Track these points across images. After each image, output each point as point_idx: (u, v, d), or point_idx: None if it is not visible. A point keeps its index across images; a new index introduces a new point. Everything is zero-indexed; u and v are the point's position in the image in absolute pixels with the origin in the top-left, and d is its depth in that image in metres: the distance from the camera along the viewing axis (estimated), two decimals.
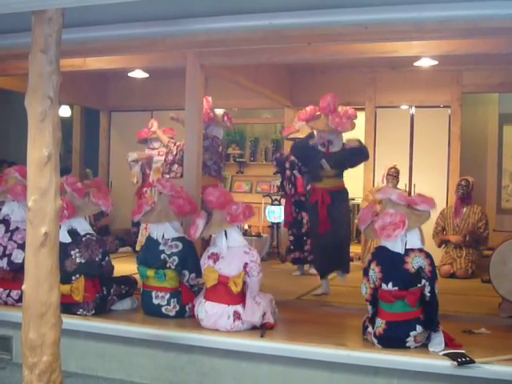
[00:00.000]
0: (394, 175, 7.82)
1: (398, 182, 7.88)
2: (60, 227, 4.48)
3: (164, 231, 4.81)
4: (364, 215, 4.28)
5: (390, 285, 3.96)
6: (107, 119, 10.27)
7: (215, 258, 4.44)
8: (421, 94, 8.38)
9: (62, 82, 3.21)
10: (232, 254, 4.42)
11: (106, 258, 4.79)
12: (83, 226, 4.82)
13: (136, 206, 5.17)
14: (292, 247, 7.36)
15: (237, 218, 4.41)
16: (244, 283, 4.34)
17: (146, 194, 8.04)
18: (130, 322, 4.56)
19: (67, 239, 4.65)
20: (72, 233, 4.73)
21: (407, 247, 3.98)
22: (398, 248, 3.99)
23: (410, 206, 4.07)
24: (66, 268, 4.53)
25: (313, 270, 6.77)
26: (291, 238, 7.39)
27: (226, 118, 6.75)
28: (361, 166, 8.07)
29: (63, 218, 4.56)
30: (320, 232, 5.80)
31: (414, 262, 3.93)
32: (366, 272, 4.14)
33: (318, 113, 6.00)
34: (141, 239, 7.89)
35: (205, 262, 4.47)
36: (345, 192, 6.00)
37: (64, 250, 4.49)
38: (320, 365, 3.96)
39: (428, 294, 3.92)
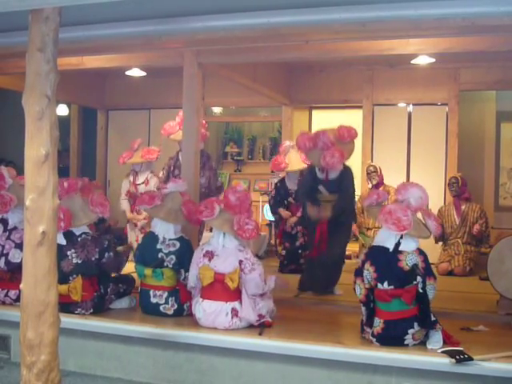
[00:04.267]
0: (372, 172, 7.82)
1: (378, 179, 7.80)
2: None
3: (167, 230, 4.80)
4: (373, 193, 4.30)
5: (386, 284, 3.96)
6: (105, 118, 10.25)
7: (210, 255, 4.44)
8: (418, 91, 8.38)
9: (60, 81, 3.20)
10: (227, 251, 4.43)
11: (106, 254, 4.74)
12: (80, 227, 4.76)
13: (146, 195, 4.90)
14: (286, 262, 7.23)
15: (242, 234, 4.37)
16: (240, 279, 4.34)
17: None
18: (128, 320, 4.56)
19: (62, 241, 4.60)
20: (68, 233, 4.69)
21: (400, 249, 3.98)
22: (390, 244, 4.00)
23: (422, 215, 4.09)
24: (62, 269, 4.51)
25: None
26: (283, 252, 7.27)
27: None
28: (358, 165, 8.13)
29: (59, 229, 4.22)
30: (313, 255, 5.76)
31: (408, 260, 3.94)
32: (359, 272, 4.13)
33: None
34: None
35: (200, 261, 4.46)
36: (345, 217, 5.79)
37: (60, 251, 4.44)
38: (318, 363, 3.96)
39: (421, 291, 3.93)
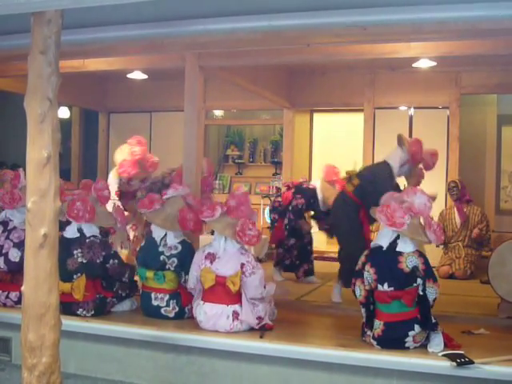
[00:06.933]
0: None
1: None
2: (70, 223, 4.71)
3: (164, 235, 4.81)
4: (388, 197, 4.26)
5: (386, 285, 3.96)
6: (106, 120, 10.28)
7: (212, 258, 4.43)
8: (419, 95, 8.39)
9: (61, 83, 3.21)
10: (228, 254, 4.42)
11: (111, 261, 4.76)
12: (91, 229, 4.78)
13: (147, 198, 4.97)
14: (298, 262, 6.90)
15: (243, 237, 4.35)
16: (241, 282, 4.33)
17: None
18: (129, 323, 4.56)
19: (75, 235, 4.70)
20: (80, 230, 4.74)
21: (399, 250, 3.99)
22: (384, 242, 4.03)
23: (424, 224, 4.09)
24: (67, 267, 4.55)
25: (310, 278, 6.86)
26: (295, 252, 6.90)
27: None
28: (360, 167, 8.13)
29: (80, 219, 4.67)
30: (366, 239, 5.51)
31: (408, 262, 3.95)
32: (359, 274, 4.14)
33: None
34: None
35: (201, 262, 4.46)
36: None
37: (67, 249, 4.58)
38: (319, 366, 3.96)
39: (421, 293, 3.94)
